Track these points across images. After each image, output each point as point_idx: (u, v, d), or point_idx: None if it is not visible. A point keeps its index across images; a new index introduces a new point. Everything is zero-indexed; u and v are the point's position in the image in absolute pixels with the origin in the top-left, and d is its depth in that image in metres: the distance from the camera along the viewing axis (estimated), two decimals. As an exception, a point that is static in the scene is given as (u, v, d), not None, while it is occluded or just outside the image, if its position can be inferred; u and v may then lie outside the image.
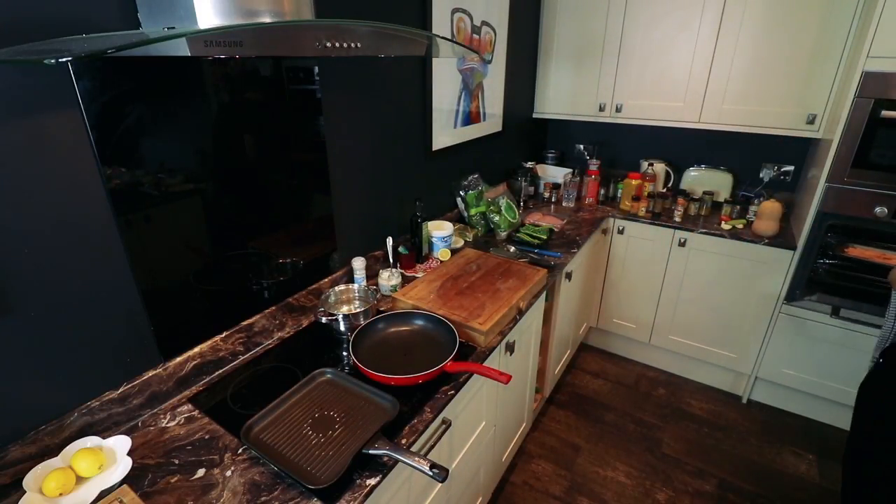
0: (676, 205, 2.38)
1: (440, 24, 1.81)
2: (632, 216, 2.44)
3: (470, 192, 2.16)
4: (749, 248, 2.16)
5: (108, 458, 0.94)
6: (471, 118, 2.21)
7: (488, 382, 1.46)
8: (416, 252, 1.82)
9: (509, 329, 1.45)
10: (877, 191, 1.80)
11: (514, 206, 2.25)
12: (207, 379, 1.21)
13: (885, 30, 1.62)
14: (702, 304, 2.38)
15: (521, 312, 1.52)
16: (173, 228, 1.09)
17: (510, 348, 1.54)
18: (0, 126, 0.79)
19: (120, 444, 0.98)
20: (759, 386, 2.38)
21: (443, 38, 1.19)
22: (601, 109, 2.57)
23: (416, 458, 0.91)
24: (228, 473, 0.94)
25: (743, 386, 2.41)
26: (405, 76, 1.75)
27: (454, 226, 1.99)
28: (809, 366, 2.16)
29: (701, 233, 2.25)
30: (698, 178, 2.60)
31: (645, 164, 2.61)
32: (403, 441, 1.02)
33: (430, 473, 0.89)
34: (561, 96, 2.71)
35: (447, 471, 0.91)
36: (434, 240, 1.85)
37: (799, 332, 2.13)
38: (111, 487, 0.90)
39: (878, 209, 1.81)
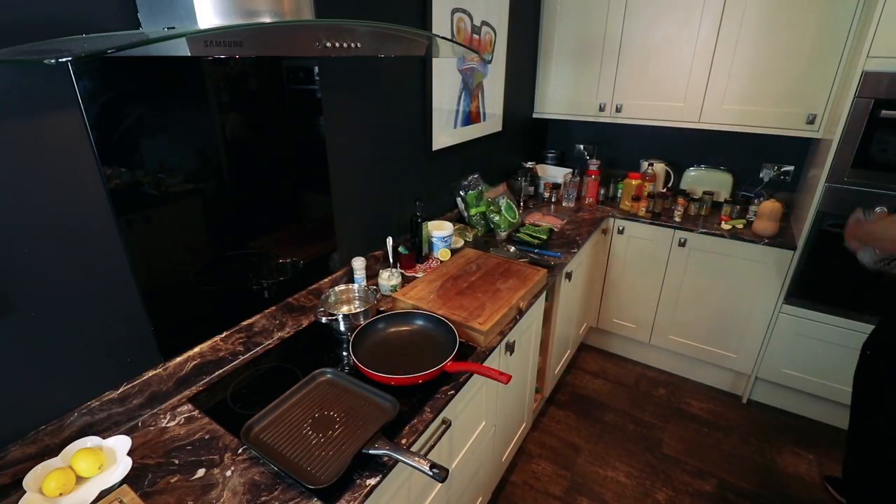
0: (676, 205, 2.38)
1: (440, 24, 1.81)
2: (632, 216, 2.44)
3: (470, 192, 2.16)
4: (749, 248, 2.16)
5: (108, 458, 0.94)
6: (471, 118, 2.21)
7: (488, 382, 1.46)
8: (416, 252, 1.82)
9: (509, 329, 1.45)
10: (877, 191, 1.80)
11: (514, 206, 2.25)
12: (207, 379, 1.21)
13: (885, 30, 1.62)
14: (702, 304, 2.38)
15: (521, 312, 1.52)
16: (173, 228, 1.09)
17: (510, 348, 1.54)
18: (0, 126, 0.79)
19: (120, 444, 0.97)
20: (759, 386, 2.38)
21: (443, 38, 1.19)
22: (601, 109, 2.57)
23: (416, 458, 0.91)
24: (228, 473, 0.94)
25: (743, 386, 2.41)
26: (405, 76, 1.75)
27: (454, 226, 1.99)
28: (809, 366, 2.16)
29: (701, 233, 2.25)
30: (698, 178, 2.60)
31: (645, 164, 2.61)
32: (403, 441, 1.02)
33: (430, 473, 0.89)
34: (561, 96, 2.71)
35: (447, 471, 0.91)
36: (434, 240, 1.85)
37: (799, 332, 2.13)
38: (111, 487, 0.89)
39: (878, 209, 1.81)
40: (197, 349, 1.19)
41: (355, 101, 1.54)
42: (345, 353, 1.33)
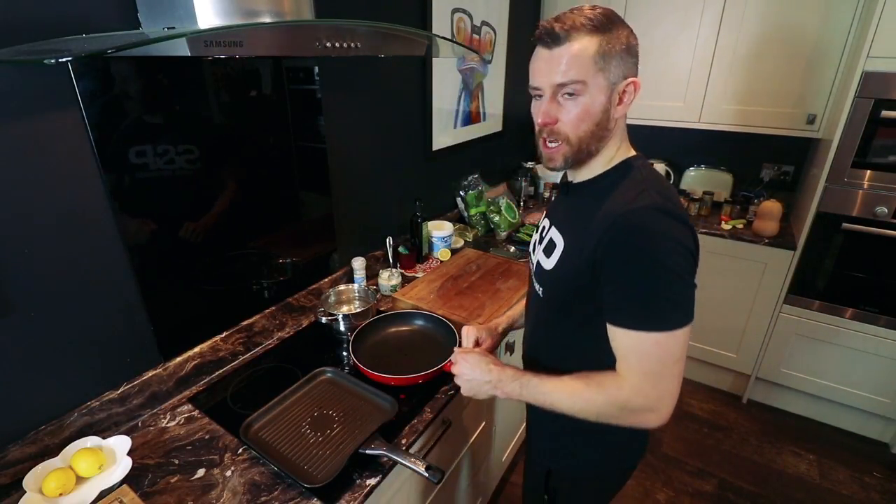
0: (676, 205, 2.37)
1: (440, 24, 1.81)
2: (632, 216, 2.44)
3: (470, 192, 2.16)
4: (749, 248, 2.16)
5: (108, 458, 0.94)
6: (471, 118, 2.21)
7: (488, 382, 1.45)
8: (416, 252, 1.82)
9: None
10: (877, 191, 1.80)
11: (514, 206, 2.25)
12: (207, 379, 1.21)
13: (885, 30, 1.62)
14: (702, 304, 2.33)
15: (520, 312, 1.52)
16: (173, 228, 1.09)
17: (510, 348, 1.54)
18: (0, 126, 0.79)
19: (120, 444, 0.97)
20: (759, 386, 2.37)
21: (443, 38, 1.19)
22: (601, 109, 2.56)
23: (412, 459, 0.91)
24: (228, 473, 0.94)
25: (743, 386, 2.41)
26: (405, 76, 1.75)
27: (454, 226, 1.99)
28: (809, 366, 2.16)
29: (701, 233, 2.25)
30: (698, 178, 2.60)
31: (645, 164, 2.60)
32: (403, 441, 1.02)
33: (426, 475, 0.89)
34: (561, 96, 2.70)
35: (442, 472, 0.90)
36: (434, 240, 1.85)
37: (799, 332, 2.13)
38: (111, 487, 0.90)
39: (878, 209, 1.81)
40: (197, 349, 1.19)
41: (355, 101, 1.54)
42: (345, 353, 1.33)
